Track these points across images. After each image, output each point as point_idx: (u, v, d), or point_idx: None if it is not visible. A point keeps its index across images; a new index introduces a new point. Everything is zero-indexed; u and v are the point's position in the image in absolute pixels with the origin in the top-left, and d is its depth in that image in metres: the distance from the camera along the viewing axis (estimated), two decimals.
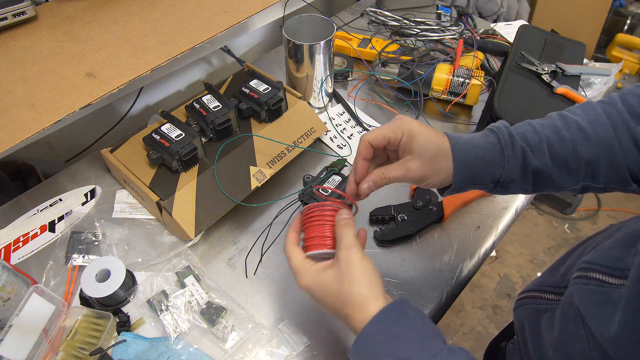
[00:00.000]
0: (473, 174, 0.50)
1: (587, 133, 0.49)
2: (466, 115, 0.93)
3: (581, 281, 0.41)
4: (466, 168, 0.49)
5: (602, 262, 0.40)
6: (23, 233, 0.71)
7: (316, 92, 0.89)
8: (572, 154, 0.48)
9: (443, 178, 0.50)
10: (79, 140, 1.00)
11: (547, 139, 0.49)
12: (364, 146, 0.50)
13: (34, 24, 0.82)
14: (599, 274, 0.39)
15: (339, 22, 1.14)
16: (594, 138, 0.48)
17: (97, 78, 0.74)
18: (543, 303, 0.49)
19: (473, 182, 0.50)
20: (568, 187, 0.50)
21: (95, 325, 0.60)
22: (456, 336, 1.58)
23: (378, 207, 0.74)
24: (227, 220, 0.74)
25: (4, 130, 0.66)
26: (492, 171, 0.49)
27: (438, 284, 0.67)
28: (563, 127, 0.50)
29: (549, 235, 1.90)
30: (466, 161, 0.49)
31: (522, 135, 0.50)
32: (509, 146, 0.49)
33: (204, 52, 0.84)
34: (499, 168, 0.49)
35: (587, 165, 0.49)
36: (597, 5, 2.12)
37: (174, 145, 0.68)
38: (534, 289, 0.52)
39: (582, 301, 0.40)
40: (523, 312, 0.53)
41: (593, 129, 0.49)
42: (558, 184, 0.50)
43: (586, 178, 0.50)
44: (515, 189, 0.51)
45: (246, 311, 0.62)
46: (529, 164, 0.49)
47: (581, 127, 0.49)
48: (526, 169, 0.49)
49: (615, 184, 0.50)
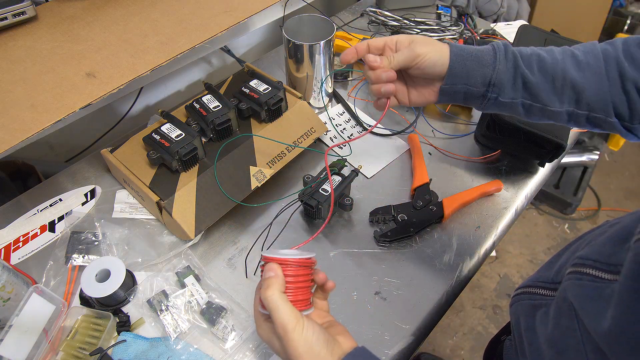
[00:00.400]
0: (466, 68, 0.53)
1: (579, 60, 0.52)
2: (466, 115, 0.93)
3: (575, 276, 0.42)
4: (461, 61, 0.53)
5: (596, 258, 0.40)
6: (23, 233, 0.71)
7: (316, 92, 0.89)
8: (560, 73, 0.51)
9: (438, 57, 0.54)
10: (79, 140, 1.00)
11: (538, 55, 0.53)
12: (362, 43, 0.56)
13: (34, 24, 0.82)
14: (592, 270, 0.40)
15: (339, 22, 1.14)
16: (584, 65, 0.51)
17: (97, 78, 0.74)
18: (538, 298, 0.50)
19: (466, 81, 0.54)
20: (554, 107, 0.53)
21: (95, 325, 0.60)
22: (456, 336, 1.58)
23: (378, 207, 0.74)
24: (227, 220, 0.74)
25: (4, 130, 0.66)
26: (483, 71, 0.53)
27: (438, 284, 0.67)
28: (558, 51, 0.53)
29: (549, 235, 1.90)
30: (461, 56, 0.53)
31: (517, 49, 0.54)
32: (502, 52, 0.53)
33: (204, 52, 0.84)
34: (490, 69, 0.52)
35: (573, 87, 0.51)
36: (597, 5, 2.11)
37: (174, 145, 0.68)
38: (530, 285, 0.52)
39: (576, 296, 0.41)
40: (519, 308, 0.53)
41: (585, 58, 0.52)
42: (545, 101, 0.53)
43: (571, 102, 0.52)
44: (505, 98, 0.53)
45: (246, 311, 0.62)
46: (519, 68, 0.52)
47: (574, 54, 0.52)
48: (516, 74, 0.52)
49: (597, 113, 0.52)
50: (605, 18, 2.16)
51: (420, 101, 0.59)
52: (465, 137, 0.89)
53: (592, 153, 1.97)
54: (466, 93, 0.55)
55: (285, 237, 0.71)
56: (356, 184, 0.79)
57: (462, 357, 1.53)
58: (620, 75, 0.50)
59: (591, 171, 1.97)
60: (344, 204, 0.72)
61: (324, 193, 0.70)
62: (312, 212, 0.70)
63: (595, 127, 0.54)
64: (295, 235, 0.72)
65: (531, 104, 0.53)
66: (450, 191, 0.78)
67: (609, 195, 2.06)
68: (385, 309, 0.64)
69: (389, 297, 0.65)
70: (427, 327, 0.64)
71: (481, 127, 0.83)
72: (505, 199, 0.78)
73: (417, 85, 0.58)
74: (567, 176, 1.98)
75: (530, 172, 0.83)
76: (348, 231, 0.73)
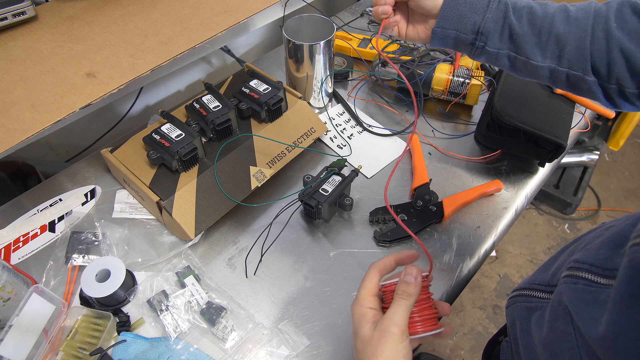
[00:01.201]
0: (458, 13, 0.55)
1: (569, 14, 0.53)
2: (466, 115, 0.93)
3: (570, 280, 0.41)
4: (454, 5, 0.55)
5: (591, 262, 0.40)
6: (23, 233, 0.71)
7: (316, 92, 0.89)
8: (548, 26, 0.53)
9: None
10: (79, 140, 1.00)
11: (531, 7, 0.54)
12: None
13: (34, 24, 0.82)
14: (588, 274, 0.39)
15: (339, 22, 1.14)
16: (572, 19, 0.52)
17: (97, 78, 0.74)
18: (534, 301, 0.50)
19: (456, 26, 0.55)
20: (536, 61, 0.54)
21: (95, 325, 0.60)
22: (456, 336, 1.58)
23: (378, 207, 0.74)
24: (227, 220, 0.74)
25: (4, 130, 0.66)
26: (474, 18, 0.54)
27: (438, 284, 0.67)
28: (552, 5, 0.54)
29: (549, 235, 1.90)
30: (455, 1, 0.55)
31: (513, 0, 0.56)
32: (496, 0, 0.54)
33: (204, 52, 0.84)
34: (480, 17, 0.54)
35: (557, 41, 0.53)
36: None
37: (174, 145, 0.68)
38: (526, 287, 0.52)
39: (571, 300, 0.40)
40: (515, 310, 0.53)
41: (576, 12, 0.53)
42: (528, 53, 0.54)
43: (553, 57, 0.54)
44: (492, 48, 0.55)
45: (246, 311, 0.63)
46: (508, 18, 0.54)
47: (566, 8, 0.54)
48: (504, 24, 0.54)
49: (576, 70, 0.53)
50: None
51: (414, 37, 0.62)
52: (465, 137, 0.89)
53: (592, 153, 1.96)
54: (456, 39, 0.56)
55: (285, 237, 0.71)
56: (356, 184, 0.79)
57: (462, 357, 1.53)
58: (606, 33, 0.51)
59: (591, 171, 1.97)
60: (344, 204, 0.72)
61: (324, 193, 0.70)
62: (312, 212, 0.70)
63: (575, 90, 0.55)
64: (295, 236, 0.72)
65: (516, 57, 0.55)
66: (450, 191, 0.78)
67: (609, 195, 2.06)
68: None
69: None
70: None
71: (481, 127, 0.83)
72: (505, 199, 0.78)
73: (414, 22, 0.61)
74: (567, 176, 1.98)
75: (530, 172, 0.83)
76: (348, 231, 0.73)
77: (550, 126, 0.77)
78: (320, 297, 0.65)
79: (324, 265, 0.69)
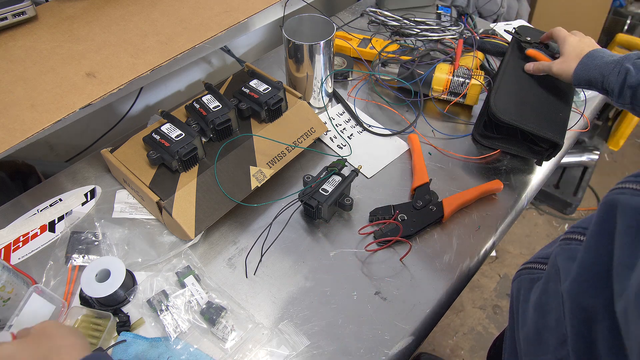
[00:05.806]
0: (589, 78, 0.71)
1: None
2: (466, 115, 0.93)
3: (564, 242, 0.45)
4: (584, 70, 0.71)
5: (585, 225, 0.43)
6: (23, 233, 0.71)
7: (316, 92, 0.89)
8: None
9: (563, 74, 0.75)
10: (79, 140, 1.00)
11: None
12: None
13: (34, 24, 0.82)
14: (579, 235, 0.43)
15: (339, 22, 1.14)
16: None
17: (97, 78, 0.74)
18: (536, 272, 0.52)
19: (589, 84, 0.71)
20: None
21: (95, 325, 0.60)
22: (456, 336, 1.58)
23: (378, 207, 0.74)
24: (227, 220, 0.74)
25: (4, 130, 0.66)
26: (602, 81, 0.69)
27: (438, 284, 0.67)
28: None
29: (549, 235, 1.90)
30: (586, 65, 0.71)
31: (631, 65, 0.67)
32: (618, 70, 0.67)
33: (204, 52, 0.85)
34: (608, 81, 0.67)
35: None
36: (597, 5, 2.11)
37: (174, 145, 0.68)
38: (531, 261, 0.55)
39: (562, 260, 0.44)
40: (520, 283, 0.56)
41: None
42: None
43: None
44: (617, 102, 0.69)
45: (246, 311, 0.63)
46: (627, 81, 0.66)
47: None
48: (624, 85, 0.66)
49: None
50: (605, 18, 2.16)
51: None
52: (465, 137, 0.89)
53: (592, 153, 1.96)
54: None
55: (285, 237, 0.71)
56: (356, 184, 0.79)
57: (462, 357, 1.53)
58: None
59: (591, 171, 1.97)
60: (344, 204, 0.72)
61: (324, 193, 0.70)
62: (312, 212, 0.70)
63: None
64: (295, 236, 0.72)
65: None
66: (450, 191, 0.78)
67: None
68: (385, 309, 0.64)
69: (389, 297, 0.65)
70: (427, 327, 0.64)
71: (478, 127, 0.83)
72: (505, 199, 0.78)
73: None
74: (567, 176, 1.98)
75: (530, 172, 0.83)
76: (348, 231, 0.73)
77: (547, 125, 0.77)
78: (320, 297, 0.65)
79: (324, 265, 0.69)
